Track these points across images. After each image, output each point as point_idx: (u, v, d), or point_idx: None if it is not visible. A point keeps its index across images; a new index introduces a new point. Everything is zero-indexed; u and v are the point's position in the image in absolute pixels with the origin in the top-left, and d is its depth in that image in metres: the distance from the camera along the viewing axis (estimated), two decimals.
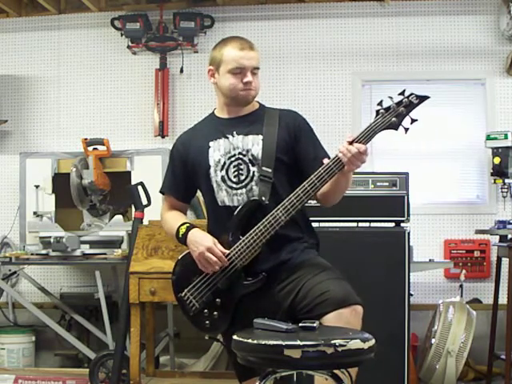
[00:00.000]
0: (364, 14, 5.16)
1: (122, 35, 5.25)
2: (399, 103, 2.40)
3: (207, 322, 2.61)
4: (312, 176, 2.45)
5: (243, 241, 2.52)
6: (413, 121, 2.41)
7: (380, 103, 2.41)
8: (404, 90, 2.42)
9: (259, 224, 2.49)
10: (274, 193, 2.56)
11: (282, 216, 2.47)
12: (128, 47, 5.29)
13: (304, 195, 2.45)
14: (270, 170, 2.57)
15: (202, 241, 2.55)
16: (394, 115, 2.40)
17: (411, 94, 2.41)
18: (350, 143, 2.38)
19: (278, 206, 2.47)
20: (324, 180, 2.44)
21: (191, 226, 2.64)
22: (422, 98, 2.41)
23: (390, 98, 2.41)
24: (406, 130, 2.41)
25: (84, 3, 5.18)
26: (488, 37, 5.05)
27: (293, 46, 5.21)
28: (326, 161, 2.50)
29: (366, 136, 2.40)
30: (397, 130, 2.41)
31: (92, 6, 5.25)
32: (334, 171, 2.42)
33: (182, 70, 5.26)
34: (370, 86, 5.18)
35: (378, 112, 2.41)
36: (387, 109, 2.40)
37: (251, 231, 2.50)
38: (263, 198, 2.54)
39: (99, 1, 5.35)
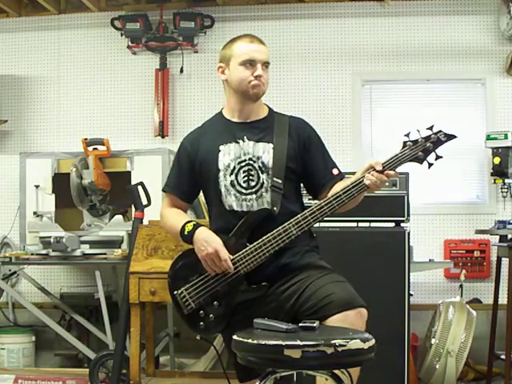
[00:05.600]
0: (364, 13, 5.17)
1: (122, 35, 5.25)
2: (427, 138, 2.42)
3: (201, 323, 2.60)
4: (330, 197, 2.47)
5: (250, 248, 2.52)
6: (437, 157, 2.44)
7: (407, 135, 2.43)
8: (432, 126, 2.43)
9: (269, 235, 2.49)
10: (283, 203, 2.57)
11: (293, 231, 2.48)
12: (128, 47, 5.29)
13: (320, 214, 2.47)
14: (280, 181, 2.58)
15: (210, 241, 2.54)
16: (421, 149, 2.42)
17: (440, 131, 2.42)
18: (380, 172, 2.41)
19: (291, 220, 2.48)
20: (342, 202, 2.46)
21: (198, 225, 2.62)
22: (450, 137, 2.43)
23: (418, 131, 2.43)
24: (430, 165, 2.44)
25: (84, 3, 5.18)
26: (488, 37, 5.05)
27: (293, 46, 5.21)
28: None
29: (392, 165, 2.43)
30: (421, 164, 2.44)
31: (92, 6, 5.25)
32: (354, 195, 2.45)
33: (181, 70, 5.26)
34: (369, 85, 5.18)
35: (405, 143, 2.43)
36: (415, 142, 2.43)
37: (259, 240, 2.50)
38: (275, 209, 2.55)
39: (99, 1, 5.35)
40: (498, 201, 4.95)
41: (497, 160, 4.69)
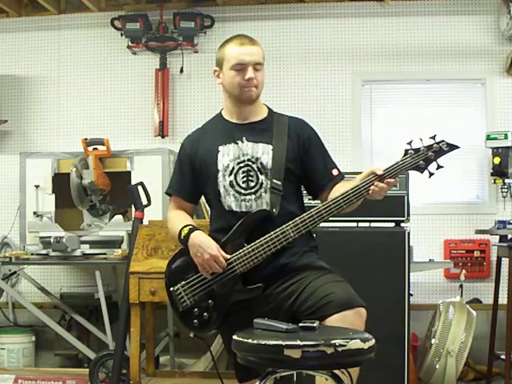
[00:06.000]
0: (364, 13, 5.17)
1: (122, 35, 5.25)
2: (429, 147, 2.43)
3: (195, 321, 2.60)
4: (329, 202, 2.47)
5: (247, 249, 2.52)
6: (439, 167, 2.44)
7: (410, 143, 2.44)
8: (435, 135, 2.43)
9: (266, 236, 2.49)
10: (282, 204, 2.57)
11: (291, 233, 2.48)
12: (128, 47, 5.29)
13: (318, 218, 2.48)
14: (279, 183, 2.57)
15: (205, 246, 2.54)
16: (423, 158, 2.43)
17: (442, 141, 2.43)
18: (380, 180, 2.41)
19: (289, 223, 2.48)
20: (341, 208, 2.46)
21: (193, 229, 2.62)
22: (452, 147, 2.44)
23: (421, 139, 2.43)
24: (431, 174, 2.44)
25: (84, 3, 5.18)
26: (488, 37, 5.05)
27: (293, 46, 5.21)
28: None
29: (392, 173, 2.43)
30: (422, 173, 2.44)
31: (92, 6, 5.25)
32: (353, 201, 2.45)
33: (181, 70, 5.27)
34: (369, 85, 5.18)
35: (406, 151, 2.44)
36: (416, 150, 2.43)
37: (257, 241, 2.50)
38: (274, 210, 2.55)
39: (99, 1, 5.35)
40: (498, 201, 4.95)
41: (497, 160, 4.69)
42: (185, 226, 2.64)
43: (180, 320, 2.66)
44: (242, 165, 2.62)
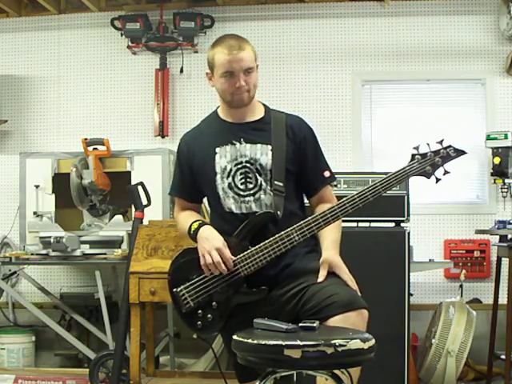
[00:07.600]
0: (364, 13, 5.17)
1: (122, 35, 5.25)
2: (436, 153, 2.42)
3: (199, 322, 2.59)
4: (335, 205, 2.47)
5: (251, 251, 2.51)
6: (446, 172, 2.43)
7: (417, 148, 2.43)
8: (442, 140, 2.42)
9: (271, 239, 2.48)
10: (284, 205, 2.57)
11: (296, 237, 2.47)
12: (128, 47, 5.29)
13: (323, 222, 2.48)
14: (281, 184, 2.57)
15: (212, 239, 2.54)
16: (430, 164, 2.42)
17: (449, 146, 2.42)
18: None
19: (294, 226, 2.48)
20: (347, 211, 2.47)
21: (203, 223, 2.63)
22: (460, 152, 2.42)
23: (428, 144, 2.42)
24: (438, 180, 2.43)
25: (84, 3, 5.18)
26: (488, 37, 5.05)
27: (293, 46, 5.21)
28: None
29: (399, 178, 2.43)
30: (429, 178, 2.43)
31: (92, 6, 5.25)
32: (358, 204, 2.45)
33: (181, 70, 5.27)
34: (369, 85, 5.18)
35: (413, 156, 2.43)
36: (423, 156, 2.42)
37: (261, 244, 2.50)
38: (278, 213, 2.54)
39: (99, 1, 5.35)
40: (498, 201, 4.95)
41: (497, 160, 4.69)
42: (194, 222, 2.64)
43: (183, 321, 2.65)
44: (239, 166, 2.61)
